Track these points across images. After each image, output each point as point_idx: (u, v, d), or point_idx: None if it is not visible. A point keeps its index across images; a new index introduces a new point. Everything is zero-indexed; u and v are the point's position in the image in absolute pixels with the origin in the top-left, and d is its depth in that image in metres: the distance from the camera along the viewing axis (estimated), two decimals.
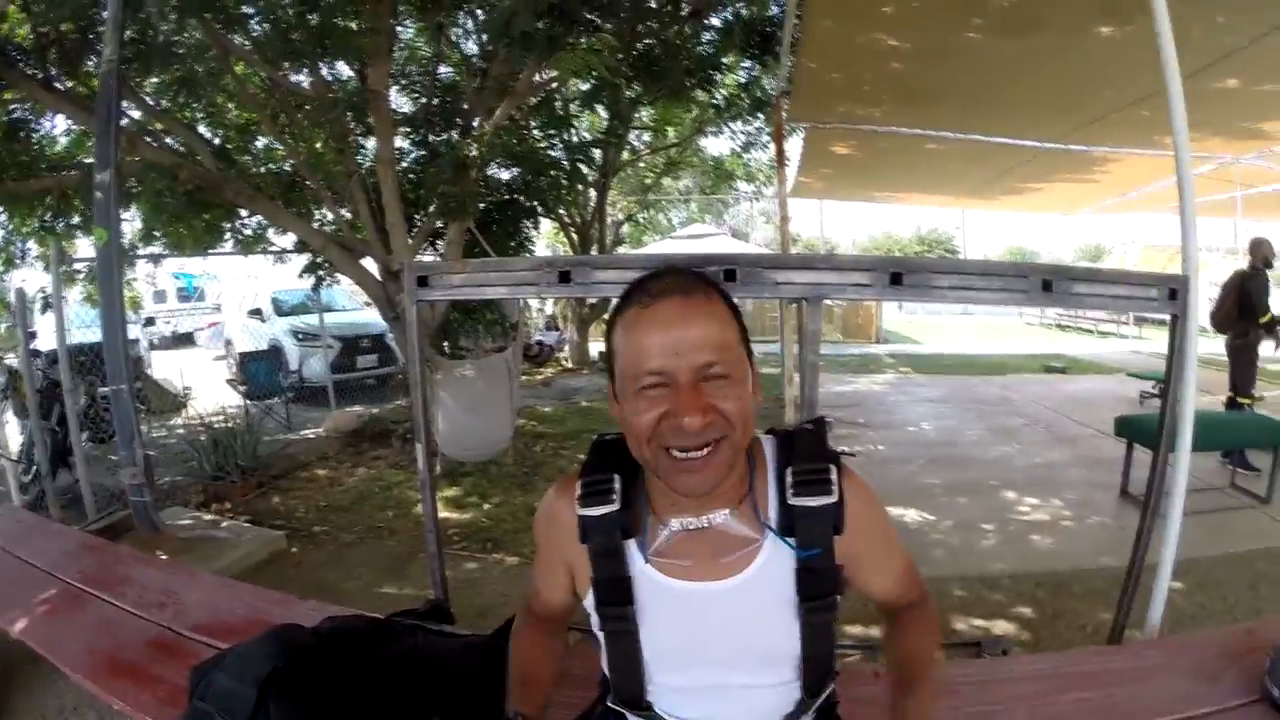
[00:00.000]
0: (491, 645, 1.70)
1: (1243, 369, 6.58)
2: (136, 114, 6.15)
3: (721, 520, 1.08)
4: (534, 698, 1.36)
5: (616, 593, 1.12)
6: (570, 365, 13.79)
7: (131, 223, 7.49)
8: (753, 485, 1.10)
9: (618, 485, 1.10)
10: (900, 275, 2.09)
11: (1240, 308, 6.37)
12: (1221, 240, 15.23)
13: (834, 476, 1.07)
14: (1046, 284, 2.10)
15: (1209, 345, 10.25)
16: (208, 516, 5.08)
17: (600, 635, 1.17)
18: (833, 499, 1.06)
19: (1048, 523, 5.14)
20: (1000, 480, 6.11)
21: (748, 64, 9.08)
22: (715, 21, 7.27)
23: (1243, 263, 6.86)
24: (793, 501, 1.06)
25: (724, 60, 7.80)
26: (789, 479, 1.08)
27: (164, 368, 10.31)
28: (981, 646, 3.28)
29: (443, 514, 5.31)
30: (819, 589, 1.08)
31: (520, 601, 1.40)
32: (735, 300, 1.10)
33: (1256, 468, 5.72)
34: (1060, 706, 1.68)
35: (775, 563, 1.08)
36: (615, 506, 1.09)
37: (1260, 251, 6.46)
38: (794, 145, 8.36)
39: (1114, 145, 6.98)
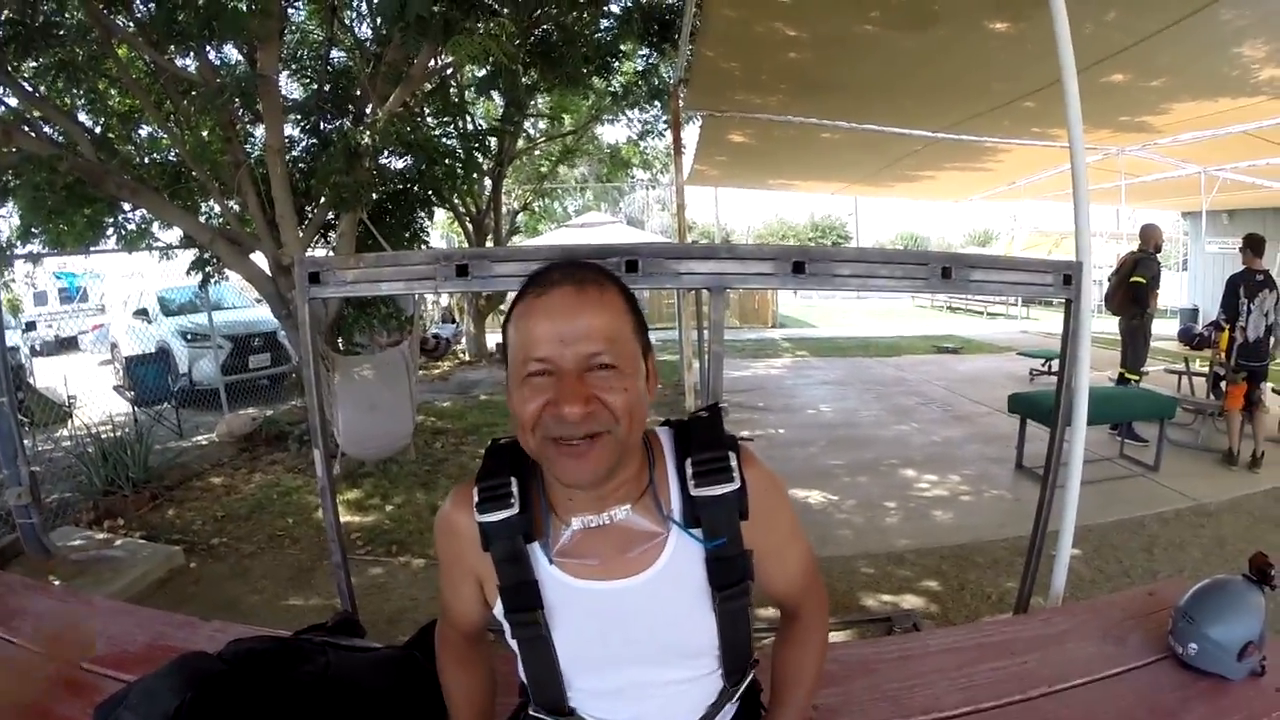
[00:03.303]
0: (405, 657, 1.65)
1: (1135, 349, 6.95)
2: (13, 101, 5.79)
3: (623, 516, 1.06)
4: None
5: (524, 598, 1.08)
6: (468, 358, 13.62)
7: (8, 219, 7.04)
8: (653, 478, 1.09)
9: (515, 488, 1.07)
10: (803, 264, 2.12)
11: (1133, 290, 6.68)
12: (1105, 225, 16.09)
13: (734, 463, 1.06)
14: (946, 271, 2.15)
15: (1099, 324, 10.83)
16: (100, 535, 4.83)
17: (514, 644, 1.14)
18: (735, 485, 1.05)
19: (948, 498, 5.33)
20: (900, 459, 6.31)
21: (646, 52, 9.10)
22: (614, 8, 7.27)
23: (1130, 247, 7.24)
24: (695, 492, 1.05)
25: (622, 48, 7.80)
26: (689, 469, 1.06)
27: (47, 375, 9.73)
28: (892, 622, 3.38)
29: (345, 517, 5.17)
30: (730, 576, 1.07)
31: (438, 625, 1.34)
32: (634, 290, 1.08)
33: (1144, 438, 6.10)
34: (977, 677, 1.72)
35: (683, 555, 1.07)
36: (514, 510, 1.06)
37: (1152, 237, 6.83)
38: (691, 133, 8.43)
39: (1004, 136, 7.28)
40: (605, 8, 7.03)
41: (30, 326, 12.13)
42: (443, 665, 1.32)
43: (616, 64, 8.14)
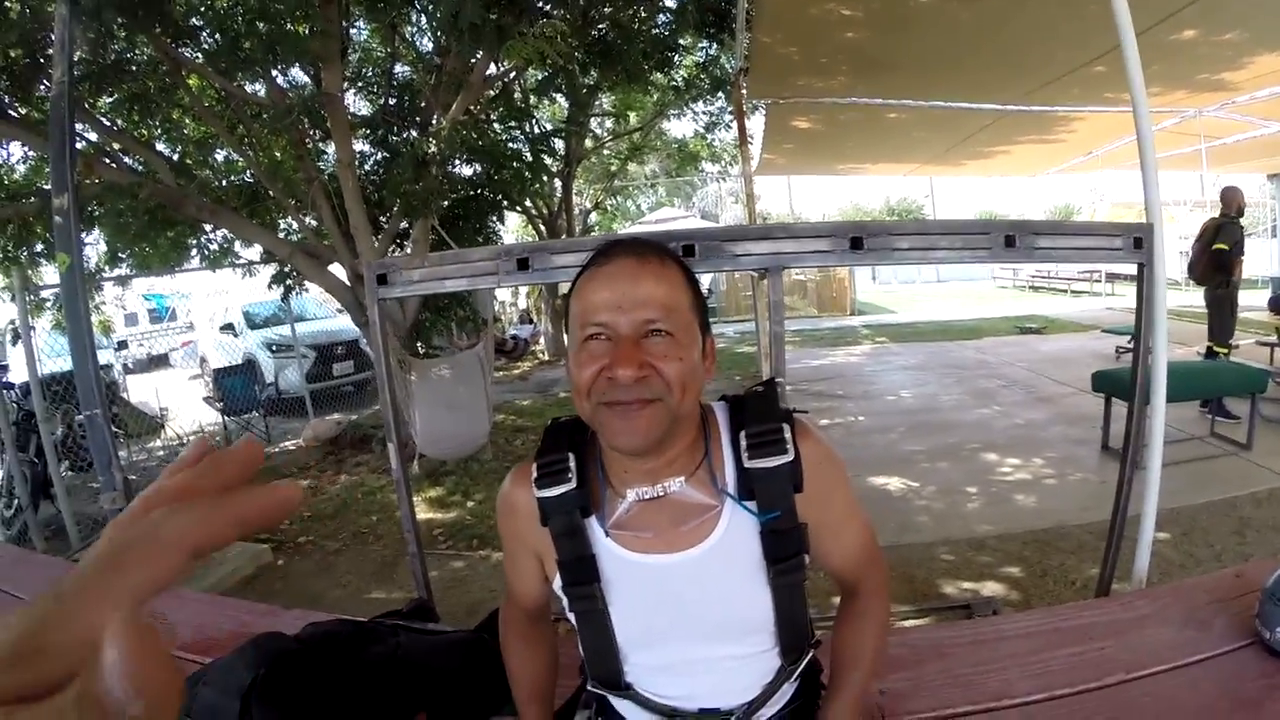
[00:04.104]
0: (475, 640, 1.69)
1: (1222, 320, 6.63)
2: (93, 136, 6.07)
3: (677, 488, 1.06)
4: (545, 712, 1.35)
5: (581, 571, 1.10)
6: (546, 358, 13.75)
7: (95, 246, 7.39)
8: (708, 451, 1.09)
9: (572, 464, 1.09)
10: (860, 239, 2.08)
11: (1216, 258, 6.40)
12: (1188, 193, 15.41)
13: (788, 435, 1.06)
14: (1009, 239, 2.09)
15: (1185, 297, 10.39)
16: None
17: (572, 618, 1.16)
18: (789, 457, 1.05)
19: (1030, 482, 5.18)
20: (981, 443, 6.16)
21: (705, 43, 9.07)
22: (669, 1, 7.25)
23: (1212, 214, 6.91)
24: (749, 464, 1.05)
25: (681, 40, 7.78)
26: (743, 442, 1.06)
27: (140, 391, 10.18)
28: (971, 609, 3.30)
29: (427, 514, 5.32)
30: (785, 550, 1.06)
31: (502, 606, 1.37)
32: (698, 275, 1.10)
33: (1236, 415, 5.77)
34: (1052, 662, 1.66)
35: (738, 527, 1.07)
36: (572, 485, 1.08)
37: (1234, 200, 6.50)
38: (756, 123, 8.37)
39: (1074, 104, 7.02)
40: (660, 2, 7.04)
41: (122, 345, 12.68)
42: (506, 643, 1.35)
43: (676, 58, 8.14)
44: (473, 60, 5.74)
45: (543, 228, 13.11)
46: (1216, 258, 6.36)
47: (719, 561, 1.07)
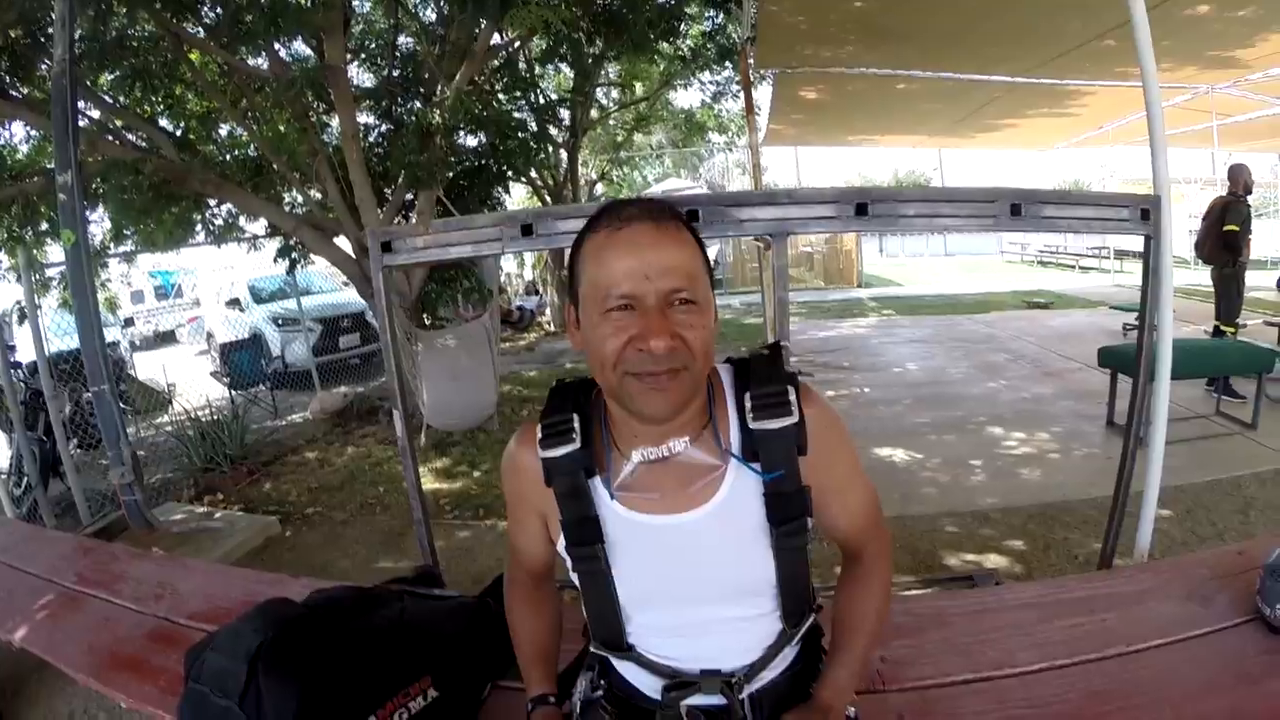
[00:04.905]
0: (479, 605, 1.71)
1: (1230, 299, 6.59)
2: (95, 113, 6.06)
3: (682, 449, 1.06)
4: (549, 673, 1.35)
5: (585, 532, 1.11)
6: (552, 329, 13.76)
7: (100, 223, 7.37)
8: (712, 413, 1.09)
9: (577, 424, 1.09)
10: (865, 205, 2.07)
11: (1224, 237, 6.35)
12: (1199, 171, 15.28)
13: (793, 397, 1.06)
14: (1015, 208, 2.07)
15: (1193, 276, 10.32)
16: (201, 509, 5.07)
17: (575, 578, 1.16)
18: (793, 419, 1.05)
19: (1036, 456, 5.17)
20: (987, 416, 6.15)
21: (712, 12, 8.98)
22: None
23: (1222, 192, 6.85)
24: (753, 425, 1.05)
25: (687, 9, 7.72)
26: (748, 403, 1.07)
27: (147, 367, 10.21)
28: (974, 580, 3.31)
29: (433, 484, 5.35)
30: (788, 511, 1.07)
31: (506, 569, 1.38)
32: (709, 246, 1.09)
33: (1241, 395, 5.74)
34: (1053, 633, 1.68)
35: (741, 489, 1.07)
36: (576, 445, 1.08)
37: (1240, 178, 6.43)
38: (764, 93, 8.32)
39: (1086, 79, 6.96)
40: None
41: (129, 323, 12.72)
42: (510, 605, 1.36)
43: (683, 27, 8.08)
44: (476, 30, 5.68)
45: (548, 198, 13.06)
46: (1226, 237, 6.31)
47: (722, 523, 1.08)
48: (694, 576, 1.10)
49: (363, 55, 6.98)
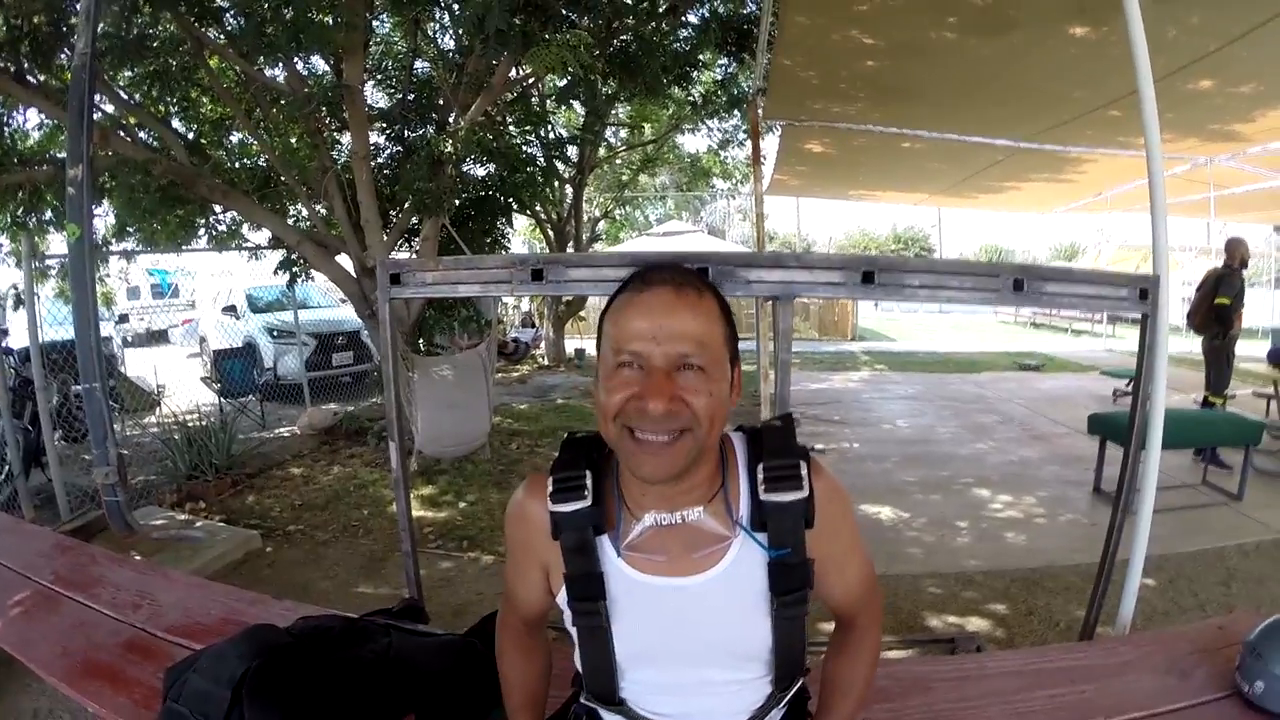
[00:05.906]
0: (465, 644, 1.70)
1: (1219, 369, 6.67)
2: (110, 108, 6.10)
3: (696, 517, 1.08)
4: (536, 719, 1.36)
5: (589, 588, 1.11)
6: (546, 362, 13.79)
7: (104, 218, 7.40)
8: (725, 482, 1.11)
9: (589, 481, 1.10)
10: (872, 274, 2.10)
11: (1215, 309, 6.43)
12: (1195, 240, 15.47)
13: (804, 472, 1.08)
14: (1018, 283, 2.11)
15: (1184, 344, 10.40)
16: (182, 516, 5.04)
17: (573, 631, 1.17)
18: (804, 494, 1.06)
19: (1021, 520, 5.18)
20: (974, 477, 6.16)
21: (724, 61, 9.12)
22: (692, 18, 7.32)
23: (1217, 262, 6.94)
24: (764, 497, 1.07)
25: (701, 57, 7.83)
26: (760, 474, 1.08)
27: (138, 365, 10.16)
28: (955, 643, 3.30)
29: (418, 512, 5.30)
30: (791, 583, 1.08)
31: (499, 612, 1.38)
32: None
33: (1228, 465, 5.78)
34: (1033, 703, 1.68)
35: (747, 558, 1.09)
36: (587, 502, 1.09)
37: (1237, 252, 6.55)
38: (770, 143, 8.40)
39: (1088, 145, 7.06)
40: (683, 18, 7.09)
41: (123, 319, 12.69)
42: (501, 650, 1.36)
43: (695, 73, 8.19)
44: (495, 62, 5.76)
45: (550, 233, 13.16)
46: (1216, 310, 6.39)
47: (726, 589, 1.09)
48: (693, 638, 1.11)
49: (379, 77, 7.05)
